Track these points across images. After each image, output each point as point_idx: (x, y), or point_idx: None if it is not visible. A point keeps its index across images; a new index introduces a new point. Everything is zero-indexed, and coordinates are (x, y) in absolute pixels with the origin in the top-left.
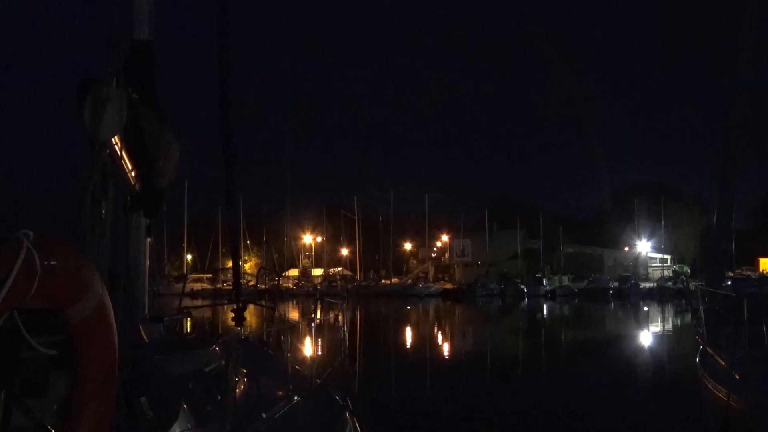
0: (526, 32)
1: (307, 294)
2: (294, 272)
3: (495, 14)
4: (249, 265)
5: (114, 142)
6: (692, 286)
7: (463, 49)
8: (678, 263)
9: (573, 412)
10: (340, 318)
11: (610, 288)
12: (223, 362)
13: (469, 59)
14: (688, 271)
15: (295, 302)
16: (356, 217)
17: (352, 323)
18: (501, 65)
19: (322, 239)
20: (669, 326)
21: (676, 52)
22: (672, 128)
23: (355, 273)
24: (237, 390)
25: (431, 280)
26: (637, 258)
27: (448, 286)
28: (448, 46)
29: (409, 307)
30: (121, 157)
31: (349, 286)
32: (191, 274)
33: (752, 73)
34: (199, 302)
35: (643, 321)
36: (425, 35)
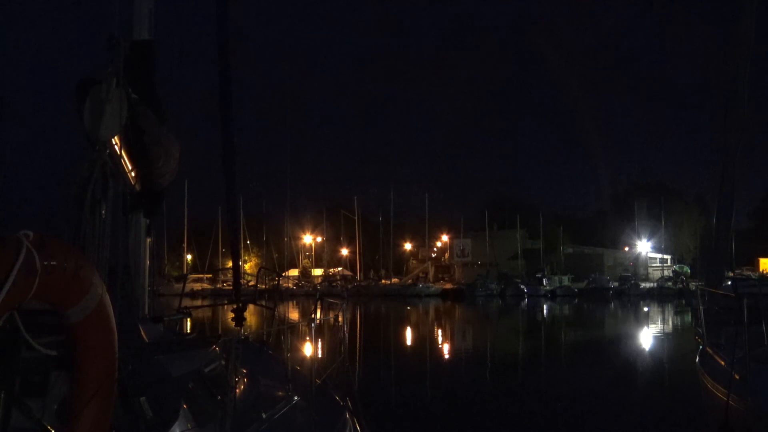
0: (526, 31)
1: (307, 294)
2: (294, 272)
3: (496, 14)
4: (249, 265)
5: (114, 142)
6: (692, 286)
7: (463, 48)
8: (678, 263)
9: (573, 413)
10: (340, 318)
11: (610, 288)
12: (223, 362)
13: (470, 59)
14: (688, 271)
15: (295, 302)
16: (356, 217)
17: (352, 323)
18: (501, 65)
19: (322, 239)
20: (669, 326)
21: (676, 51)
22: (672, 128)
23: (355, 273)
24: (237, 390)
25: (431, 280)
26: (637, 258)
27: (448, 286)
28: (448, 45)
29: (409, 307)
30: (121, 157)
31: (349, 286)
32: (191, 274)
33: (752, 72)
34: (199, 302)
35: (643, 321)
36: (426, 35)
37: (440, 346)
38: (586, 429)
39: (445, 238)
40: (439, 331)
